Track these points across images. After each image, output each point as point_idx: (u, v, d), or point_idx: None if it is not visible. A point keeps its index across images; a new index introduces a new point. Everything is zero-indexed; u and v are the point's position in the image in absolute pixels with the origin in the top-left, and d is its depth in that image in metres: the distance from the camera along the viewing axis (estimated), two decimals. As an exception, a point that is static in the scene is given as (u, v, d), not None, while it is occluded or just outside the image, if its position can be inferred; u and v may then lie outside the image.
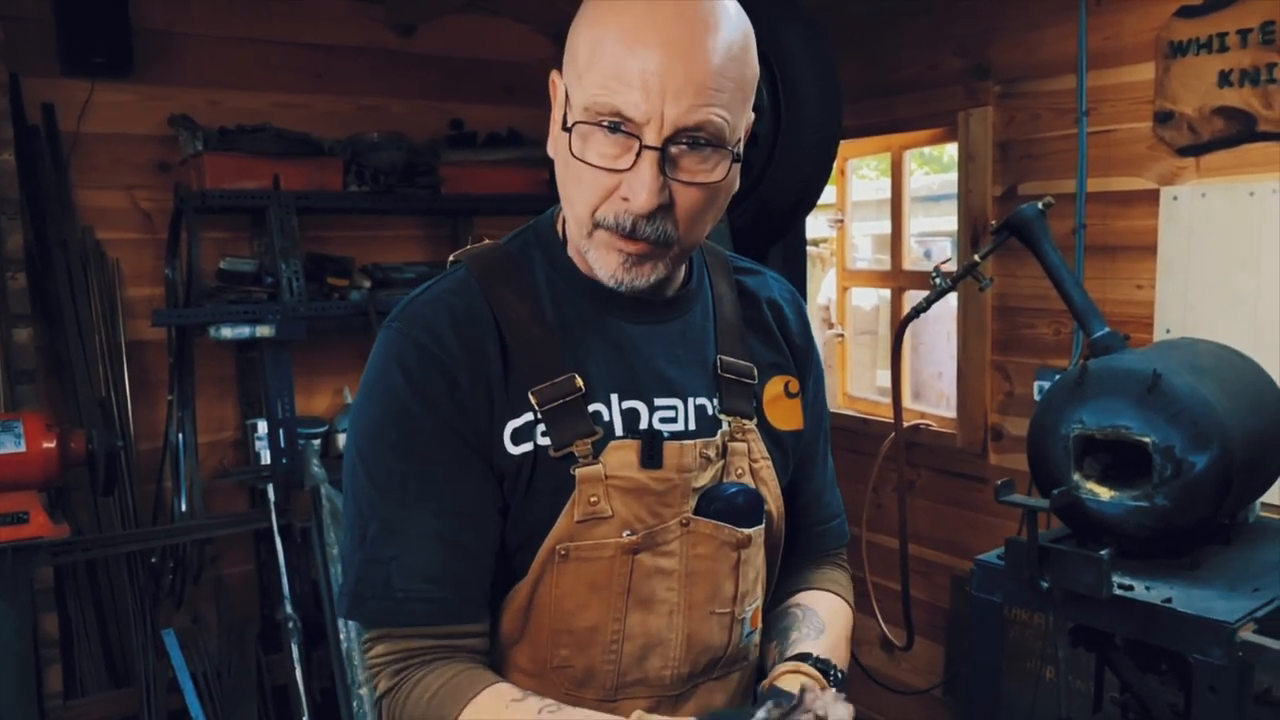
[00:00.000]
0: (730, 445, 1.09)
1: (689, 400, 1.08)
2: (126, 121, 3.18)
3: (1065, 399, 1.76)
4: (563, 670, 1.05)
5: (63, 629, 3.03)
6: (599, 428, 1.02)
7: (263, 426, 3.26)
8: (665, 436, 1.05)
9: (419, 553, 1.00)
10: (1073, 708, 2.36)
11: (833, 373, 3.73)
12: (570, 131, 0.97)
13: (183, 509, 3.19)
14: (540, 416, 1.01)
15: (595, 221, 0.98)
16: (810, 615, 1.17)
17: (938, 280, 2.39)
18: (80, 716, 3.02)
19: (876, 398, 3.65)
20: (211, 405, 3.37)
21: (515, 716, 0.94)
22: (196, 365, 3.29)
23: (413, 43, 3.67)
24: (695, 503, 1.06)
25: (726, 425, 1.09)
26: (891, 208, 3.40)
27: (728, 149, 0.97)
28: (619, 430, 1.04)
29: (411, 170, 3.39)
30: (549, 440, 1.01)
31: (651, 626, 1.05)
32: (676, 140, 0.94)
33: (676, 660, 1.07)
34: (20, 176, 2.91)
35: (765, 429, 1.14)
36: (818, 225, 3.95)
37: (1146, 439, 1.65)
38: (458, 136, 3.65)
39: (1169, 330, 2.40)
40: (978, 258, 2.29)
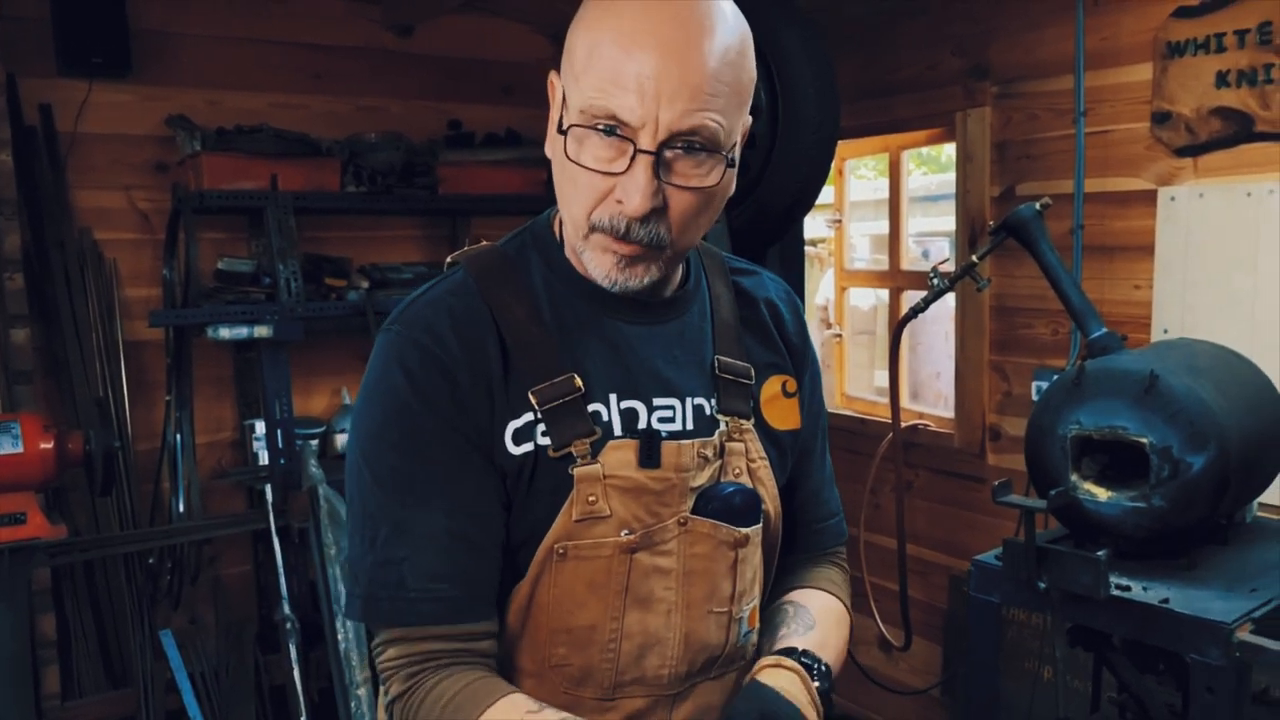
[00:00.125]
0: (728, 445, 1.09)
1: (687, 400, 1.08)
2: (124, 122, 3.18)
3: (1063, 399, 1.77)
4: (561, 669, 1.05)
5: (60, 630, 3.03)
6: (598, 428, 1.03)
7: (260, 427, 3.26)
8: (663, 436, 1.05)
9: (430, 552, 1.00)
10: (1070, 708, 2.37)
11: (831, 373, 3.73)
12: (566, 134, 0.97)
13: (180, 510, 3.18)
14: (540, 416, 1.01)
15: (590, 223, 0.99)
16: (801, 612, 1.17)
17: (935, 280, 2.39)
18: (78, 717, 3.02)
19: (874, 398, 3.66)
20: (209, 406, 3.37)
21: None
22: (194, 366, 3.28)
23: (411, 43, 3.67)
24: (693, 502, 1.06)
25: (724, 425, 1.09)
26: (889, 208, 3.40)
27: (722, 154, 0.97)
28: (618, 430, 1.04)
29: (409, 170, 3.39)
30: (549, 440, 1.01)
31: (649, 625, 1.05)
32: (671, 144, 0.94)
33: (674, 659, 1.07)
34: (18, 177, 2.91)
35: (763, 429, 1.14)
36: (816, 225, 3.96)
37: (1144, 439, 1.65)
38: (456, 137, 3.65)
39: (1166, 330, 2.41)
40: (975, 258, 2.30)
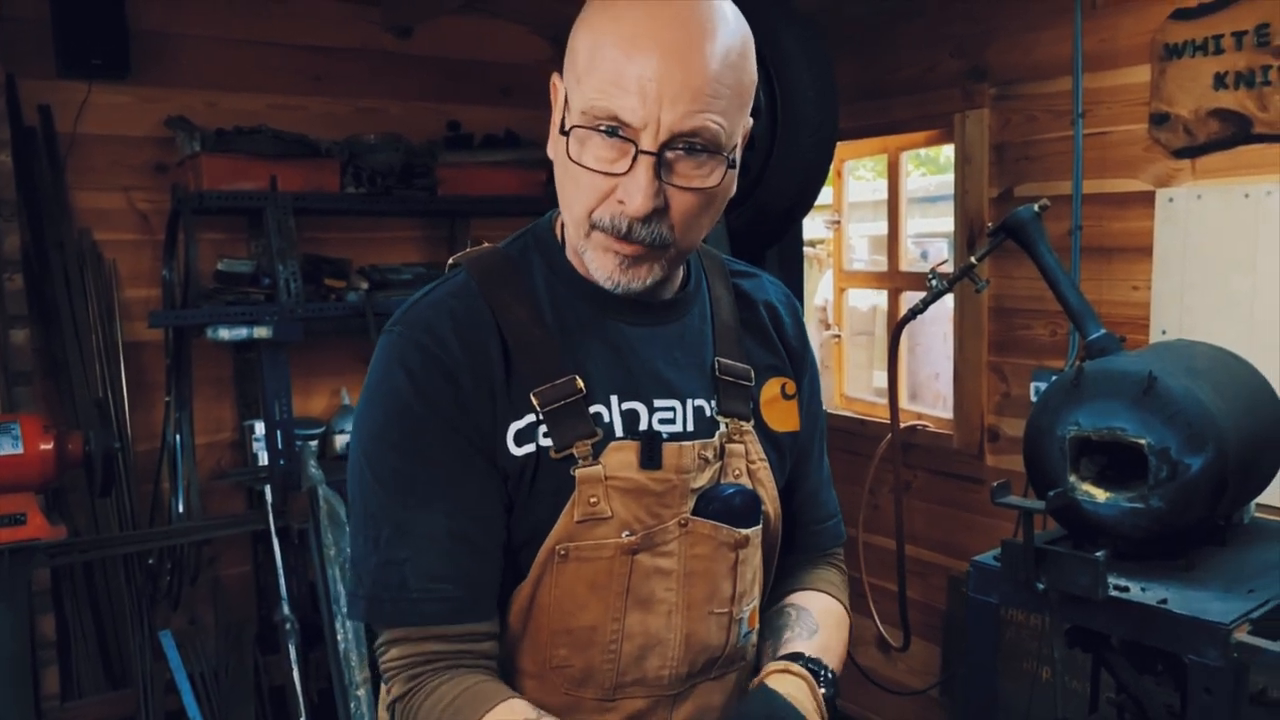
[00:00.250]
0: (728, 446, 1.10)
1: (687, 402, 1.08)
2: (123, 123, 3.18)
3: (1061, 400, 1.77)
4: (562, 670, 1.05)
5: (60, 630, 3.03)
6: (599, 429, 1.03)
7: (260, 428, 3.26)
8: (664, 438, 1.05)
9: (432, 552, 1.00)
10: (1069, 708, 2.37)
11: (830, 374, 3.74)
12: (568, 135, 0.98)
13: (180, 510, 3.18)
14: (542, 418, 1.02)
15: (592, 223, 0.99)
16: (804, 615, 1.17)
17: (934, 282, 2.40)
18: (77, 718, 3.01)
19: (873, 399, 3.66)
20: (209, 406, 3.37)
21: None
22: (194, 366, 3.28)
23: (410, 44, 3.67)
24: (693, 503, 1.07)
25: (724, 427, 1.10)
26: (888, 209, 3.41)
27: (723, 155, 0.97)
28: (619, 431, 1.04)
29: (409, 172, 3.39)
30: (550, 441, 1.02)
31: (650, 626, 1.06)
32: (672, 145, 0.95)
33: (675, 660, 1.07)
34: (17, 178, 2.91)
35: (762, 430, 1.14)
36: (815, 226, 3.97)
37: (1142, 441, 1.66)
38: (455, 138, 3.66)
39: (1165, 332, 2.41)
40: (974, 259, 2.30)
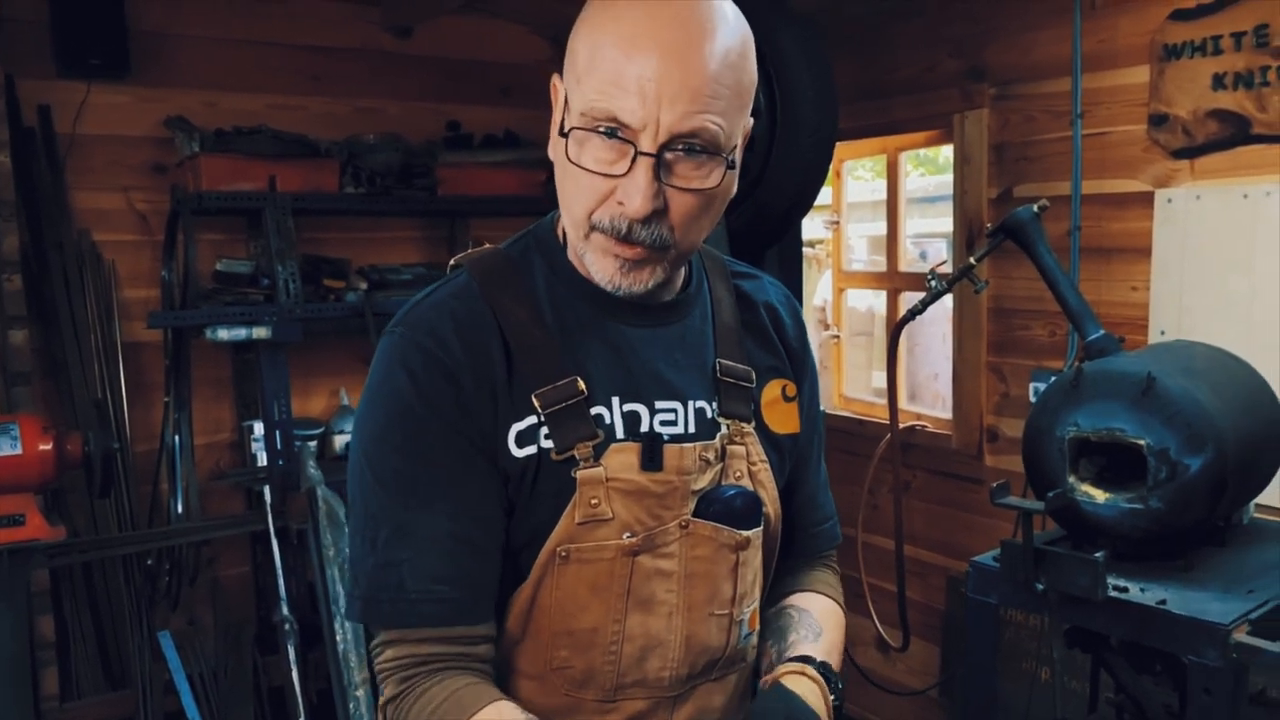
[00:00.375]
0: (729, 448, 1.10)
1: (689, 403, 1.08)
2: (122, 123, 3.17)
3: (1060, 401, 1.77)
4: (562, 671, 1.05)
5: (59, 631, 3.03)
6: (600, 430, 1.03)
7: (259, 428, 3.26)
8: (665, 439, 1.05)
9: (431, 554, 1.00)
10: (1068, 709, 2.37)
11: (829, 374, 3.74)
12: (568, 136, 0.98)
13: (179, 511, 3.18)
14: (543, 420, 1.02)
15: (591, 225, 0.99)
16: (806, 617, 1.18)
17: (933, 282, 2.40)
18: (76, 719, 3.01)
19: (872, 399, 3.66)
20: (208, 407, 3.36)
21: None
22: (193, 367, 3.28)
23: (409, 44, 3.67)
24: (694, 505, 1.07)
25: (725, 428, 1.10)
26: (887, 209, 3.41)
27: (723, 156, 0.97)
28: (620, 433, 1.04)
29: (408, 172, 3.39)
30: (551, 443, 1.02)
31: (651, 628, 1.06)
32: (672, 146, 0.95)
33: (675, 661, 1.07)
34: (16, 178, 2.91)
35: (763, 432, 1.14)
36: (814, 227, 3.97)
37: (1141, 441, 1.66)
38: (454, 138, 3.66)
39: (1164, 332, 2.41)
40: (973, 260, 2.30)
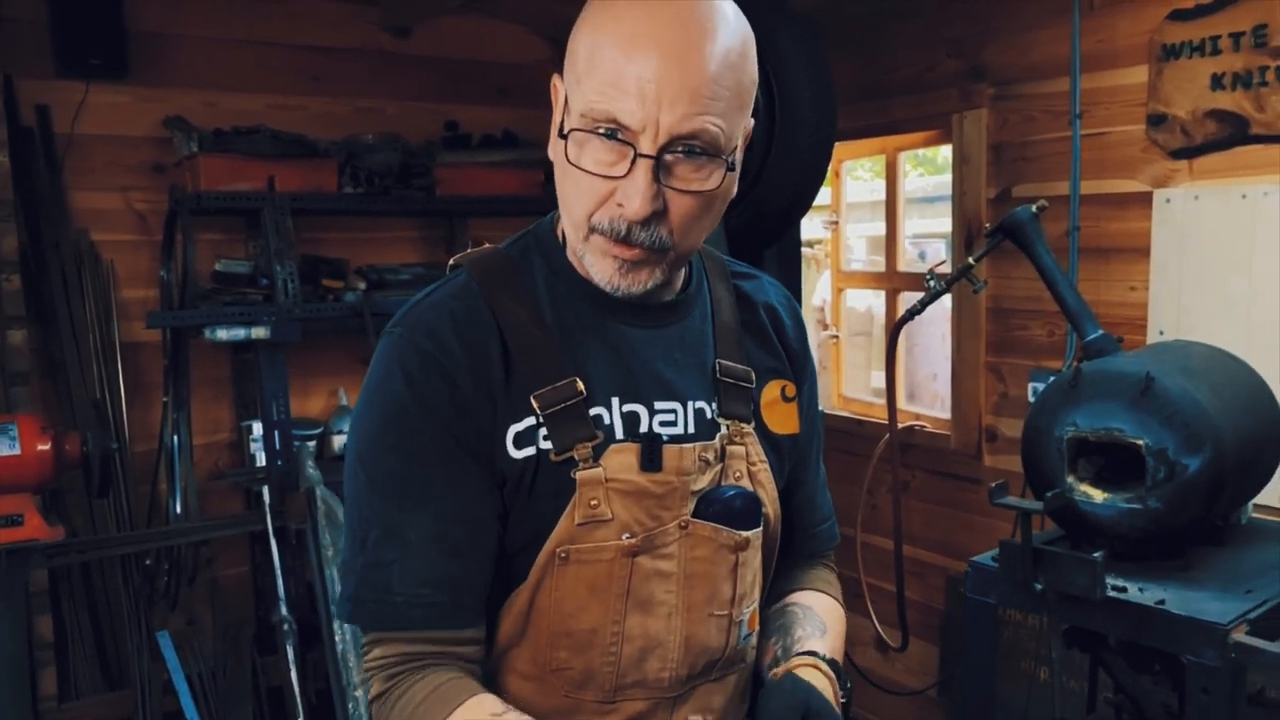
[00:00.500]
0: (728, 449, 1.10)
1: (688, 404, 1.08)
2: (121, 123, 3.17)
3: (1059, 401, 1.77)
4: (562, 672, 1.05)
5: (57, 631, 3.03)
6: (600, 431, 1.03)
7: (258, 428, 3.26)
8: (665, 440, 1.05)
9: (419, 557, 1.00)
10: (1067, 708, 2.37)
11: (828, 374, 3.74)
12: (567, 138, 0.98)
13: (177, 511, 3.18)
14: (542, 421, 1.02)
15: (591, 226, 0.99)
16: (810, 614, 1.18)
17: (932, 282, 2.40)
18: (75, 719, 3.01)
19: (871, 399, 3.66)
20: (206, 407, 3.36)
21: None
22: (191, 367, 3.28)
23: (408, 44, 3.67)
24: (694, 506, 1.07)
25: (725, 429, 1.10)
26: (886, 209, 3.41)
27: (722, 158, 0.97)
28: (619, 434, 1.04)
29: (407, 172, 3.39)
30: (550, 444, 1.02)
31: (650, 628, 1.06)
32: (671, 148, 0.94)
33: (675, 662, 1.07)
34: (15, 178, 2.91)
35: (762, 433, 1.14)
36: (813, 227, 3.97)
37: (1139, 441, 1.66)
38: (453, 138, 3.65)
39: (1162, 332, 2.41)
40: (972, 260, 2.30)
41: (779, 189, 2.56)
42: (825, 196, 3.56)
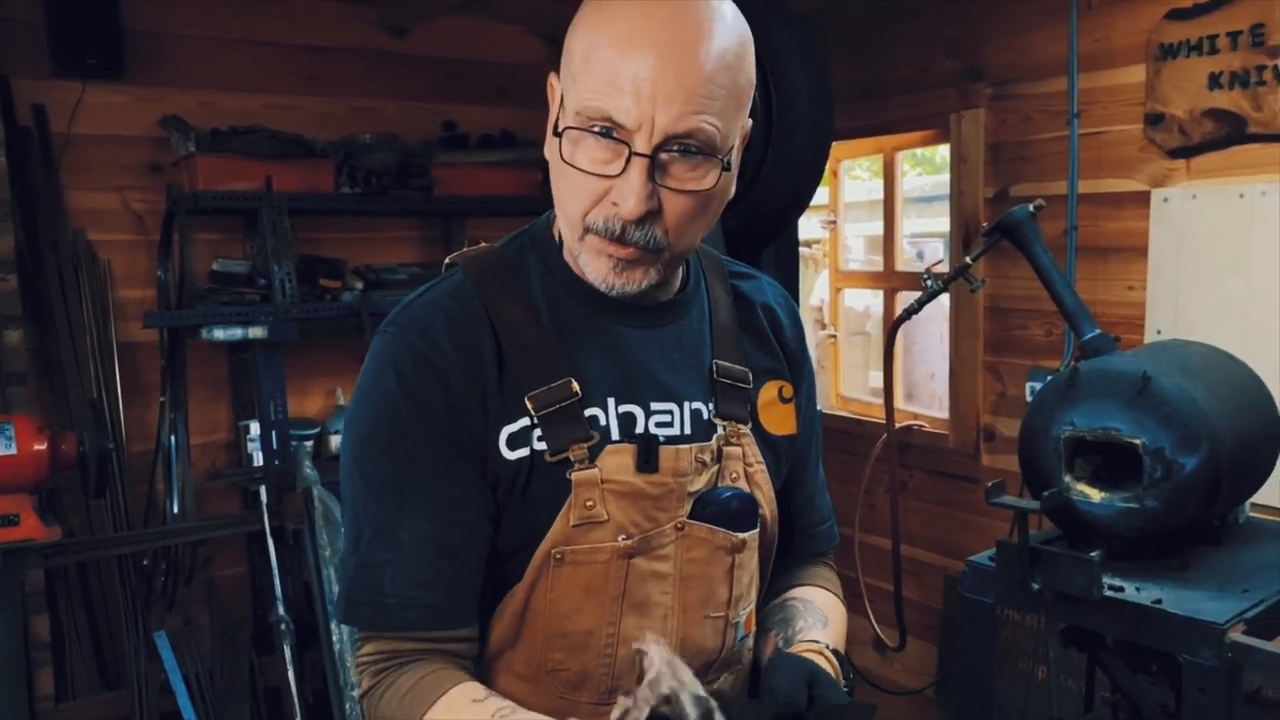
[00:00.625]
0: (725, 450, 1.09)
1: (685, 404, 1.08)
2: (118, 123, 3.17)
3: (1056, 400, 1.77)
4: (557, 674, 1.05)
5: (54, 631, 3.02)
6: (595, 432, 1.03)
7: (255, 428, 3.25)
8: (661, 441, 1.05)
9: (411, 557, 1.00)
10: (1064, 708, 2.38)
11: (825, 374, 3.74)
12: (562, 136, 0.97)
13: (175, 511, 3.18)
14: (536, 421, 1.01)
15: (585, 225, 0.99)
16: (810, 607, 1.18)
17: (929, 282, 2.40)
18: (71, 719, 3.01)
19: (869, 398, 3.66)
20: (204, 407, 3.36)
21: (471, 716, 0.96)
22: (189, 367, 3.28)
23: (405, 44, 3.66)
24: (690, 507, 1.06)
25: (722, 430, 1.09)
26: (884, 209, 3.41)
27: (718, 157, 0.97)
28: (615, 434, 1.04)
29: (404, 172, 3.38)
30: (545, 445, 1.01)
31: (646, 630, 1.05)
32: (667, 147, 0.94)
33: (671, 664, 1.07)
34: (11, 178, 2.90)
35: (759, 434, 1.14)
36: (810, 226, 3.97)
37: (1137, 441, 1.66)
38: (450, 138, 3.65)
39: (1160, 332, 2.41)
40: (969, 259, 2.31)
41: (776, 189, 2.56)
42: (823, 196, 3.56)
